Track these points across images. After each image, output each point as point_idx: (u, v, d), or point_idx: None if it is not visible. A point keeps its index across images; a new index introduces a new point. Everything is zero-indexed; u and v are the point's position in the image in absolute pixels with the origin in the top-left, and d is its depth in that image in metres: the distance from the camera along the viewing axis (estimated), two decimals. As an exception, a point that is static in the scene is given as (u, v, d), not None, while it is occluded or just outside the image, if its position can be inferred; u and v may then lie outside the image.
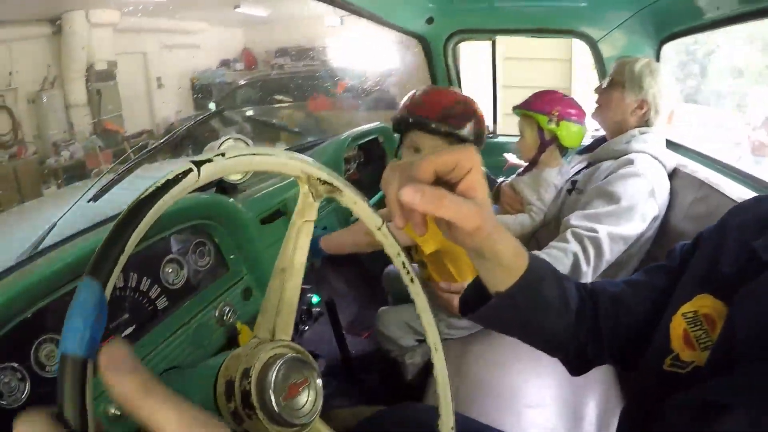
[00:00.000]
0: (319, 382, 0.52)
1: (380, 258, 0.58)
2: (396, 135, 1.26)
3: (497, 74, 2.11)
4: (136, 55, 8.64)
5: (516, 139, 1.57)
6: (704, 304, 0.46)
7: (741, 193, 1.00)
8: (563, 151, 1.50)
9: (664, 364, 0.48)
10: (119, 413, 0.61)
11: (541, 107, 1.48)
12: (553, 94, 1.49)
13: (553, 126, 1.46)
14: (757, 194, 0.98)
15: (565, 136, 1.46)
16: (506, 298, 0.50)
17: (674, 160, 1.28)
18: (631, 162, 1.21)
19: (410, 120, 1.14)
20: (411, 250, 1.22)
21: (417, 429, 0.73)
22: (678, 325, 0.48)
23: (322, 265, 1.28)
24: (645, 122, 1.29)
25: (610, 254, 1.14)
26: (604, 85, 1.35)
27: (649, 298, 0.56)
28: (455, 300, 1.14)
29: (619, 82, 1.30)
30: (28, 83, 7.10)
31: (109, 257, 0.29)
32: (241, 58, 9.66)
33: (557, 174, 1.47)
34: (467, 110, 1.15)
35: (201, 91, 9.27)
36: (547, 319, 0.53)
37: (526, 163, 1.62)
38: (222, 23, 9.44)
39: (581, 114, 1.46)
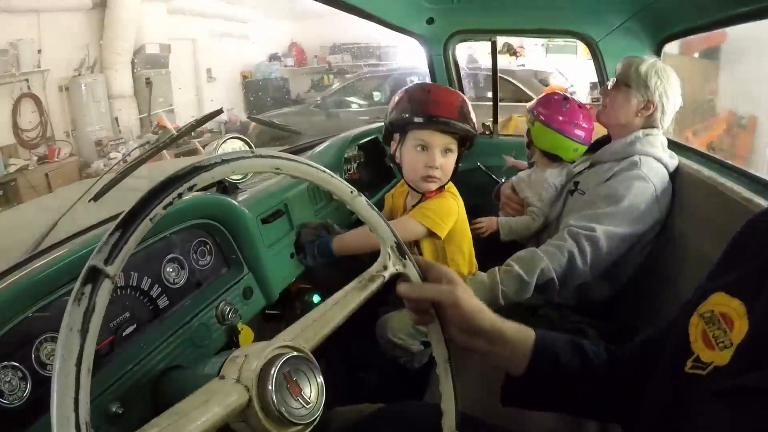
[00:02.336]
0: (321, 380, 0.51)
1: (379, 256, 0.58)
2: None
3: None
4: (184, 41, 7.29)
5: (513, 140, 1.57)
6: (720, 302, 0.46)
7: (742, 193, 1.00)
8: (551, 156, 1.47)
9: (685, 367, 0.47)
10: (120, 412, 0.61)
11: (530, 106, 1.49)
12: (551, 96, 1.48)
13: (530, 125, 1.47)
14: (757, 194, 0.98)
15: (537, 138, 1.46)
16: (525, 377, 0.58)
17: (676, 161, 1.28)
18: (634, 164, 1.21)
19: (423, 119, 1.12)
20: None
21: (420, 426, 0.73)
22: (696, 326, 0.47)
23: (322, 265, 1.27)
24: (652, 123, 1.28)
25: (608, 253, 1.14)
26: (609, 86, 1.33)
27: None
28: None
29: (624, 83, 1.28)
30: (60, 65, 5.83)
31: None
32: (290, 52, 9.04)
33: (558, 175, 1.47)
34: (470, 108, 1.17)
35: (257, 87, 8.29)
36: (576, 388, 0.58)
37: (527, 163, 1.63)
38: (273, 13, 8.44)
39: (563, 121, 1.41)
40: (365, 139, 1.74)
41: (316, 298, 1.23)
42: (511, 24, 1.84)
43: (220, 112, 1.35)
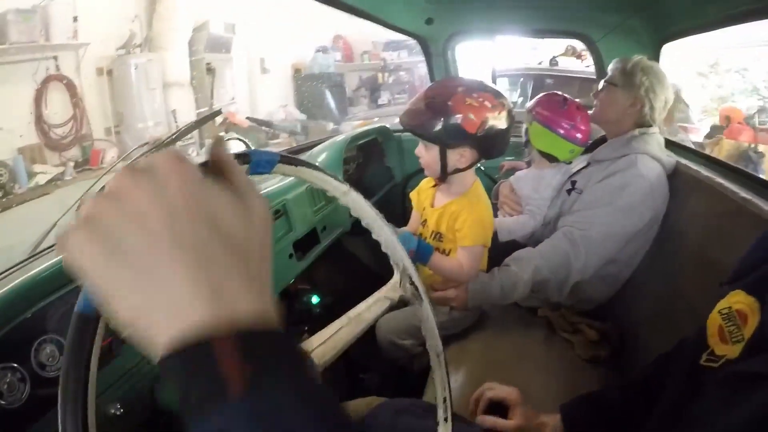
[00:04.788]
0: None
1: (380, 257, 0.59)
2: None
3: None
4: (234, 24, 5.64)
5: (511, 140, 1.57)
6: (738, 300, 0.49)
7: (741, 193, 1.00)
8: (548, 156, 1.47)
9: (700, 360, 0.50)
10: (118, 413, 0.61)
11: (529, 105, 1.49)
12: (550, 96, 1.48)
13: (528, 124, 1.48)
14: (756, 194, 0.99)
15: (534, 138, 1.47)
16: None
17: (674, 160, 1.28)
18: (631, 163, 1.21)
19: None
20: None
21: (423, 418, 0.75)
22: (714, 322, 0.51)
23: (322, 265, 1.27)
24: (643, 120, 1.29)
25: (605, 253, 1.15)
26: (599, 88, 1.35)
27: None
28: (449, 293, 1.17)
29: (611, 82, 1.31)
30: (100, 41, 4.31)
31: None
32: (336, 45, 8.02)
33: (555, 173, 1.47)
34: (437, 108, 1.10)
35: (313, 83, 6.90)
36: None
37: (525, 164, 1.63)
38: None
39: (561, 123, 1.41)
40: (364, 140, 1.74)
41: (315, 299, 1.23)
42: (510, 24, 1.84)
43: (219, 113, 1.35)
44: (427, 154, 1.15)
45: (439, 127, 1.09)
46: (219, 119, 4.80)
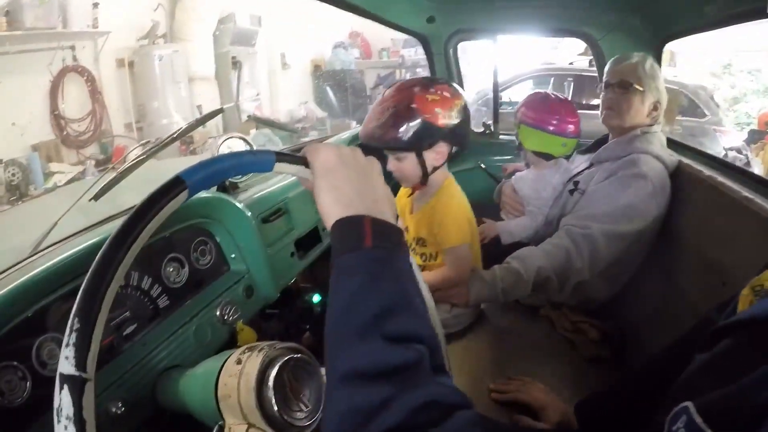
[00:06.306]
0: (323, 384, 0.51)
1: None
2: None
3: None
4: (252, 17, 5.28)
5: (514, 139, 1.57)
6: None
7: (743, 193, 1.00)
8: (542, 155, 1.47)
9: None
10: (120, 412, 0.61)
11: (516, 108, 1.50)
12: (533, 96, 1.49)
13: (517, 128, 1.48)
14: (758, 193, 0.98)
15: (525, 140, 1.47)
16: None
17: (676, 159, 1.28)
18: (633, 162, 1.21)
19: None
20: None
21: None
22: (746, 298, 0.51)
23: (324, 264, 1.27)
24: (655, 121, 1.29)
25: (607, 252, 1.14)
26: (615, 87, 1.29)
27: None
28: (451, 291, 1.16)
29: (635, 85, 1.25)
30: (121, 30, 4.06)
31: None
32: (354, 42, 7.77)
33: (554, 172, 1.47)
34: (395, 116, 1.08)
35: (334, 79, 6.75)
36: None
37: (524, 166, 1.63)
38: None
39: (546, 120, 1.41)
40: (365, 139, 1.73)
41: (316, 298, 1.23)
42: (511, 23, 1.83)
43: (220, 111, 1.35)
44: (401, 165, 1.13)
45: (411, 133, 1.07)
46: (245, 117, 4.62)
